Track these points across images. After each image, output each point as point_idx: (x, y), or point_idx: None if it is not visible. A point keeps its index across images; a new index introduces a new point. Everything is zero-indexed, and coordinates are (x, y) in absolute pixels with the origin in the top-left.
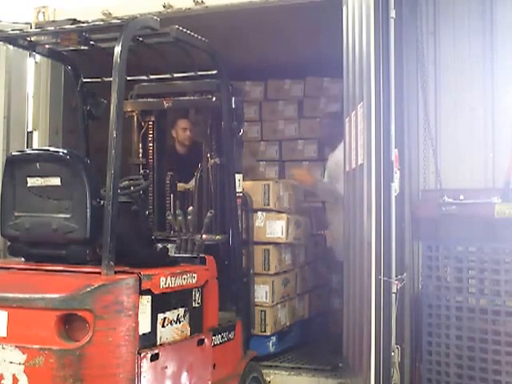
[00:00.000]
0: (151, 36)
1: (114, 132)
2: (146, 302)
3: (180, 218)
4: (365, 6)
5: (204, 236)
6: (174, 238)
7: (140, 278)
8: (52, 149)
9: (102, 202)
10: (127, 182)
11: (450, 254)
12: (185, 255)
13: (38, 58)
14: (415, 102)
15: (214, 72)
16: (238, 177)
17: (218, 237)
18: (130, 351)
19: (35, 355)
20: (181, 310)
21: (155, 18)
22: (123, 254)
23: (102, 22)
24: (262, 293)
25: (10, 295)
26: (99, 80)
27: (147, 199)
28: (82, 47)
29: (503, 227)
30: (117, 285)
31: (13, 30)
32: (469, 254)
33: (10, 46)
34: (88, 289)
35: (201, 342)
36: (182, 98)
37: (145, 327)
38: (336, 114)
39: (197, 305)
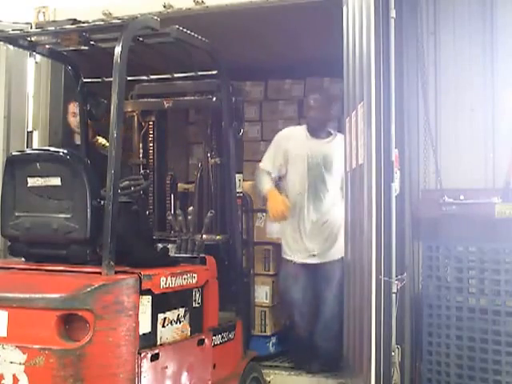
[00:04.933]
0: (151, 36)
1: (114, 132)
2: (146, 302)
3: (180, 218)
4: (365, 5)
5: (204, 236)
6: (175, 238)
7: (140, 278)
8: (52, 149)
9: (102, 202)
10: (127, 182)
11: (450, 254)
12: (185, 255)
13: (38, 57)
14: (415, 101)
15: (215, 72)
16: (238, 177)
17: (218, 237)
18: (130, 351)
19: (35, 355)
20: (181, 310)
21: (155, 18)
22: (123, 253)
23: (102, 22)
24: (262, 293)
25: (11, 295)
26: (99, 80)
27: (147, 199)
28: (83, 47)
29: (503, 227)
30: (117, 285)
31: (13, 30)
32: (469, 253)
33: (11, 46)
34: (88, 289)
35: (201, 342)
36: (182, 98)
37: (145, 327)
38: None
39: (197, 305)
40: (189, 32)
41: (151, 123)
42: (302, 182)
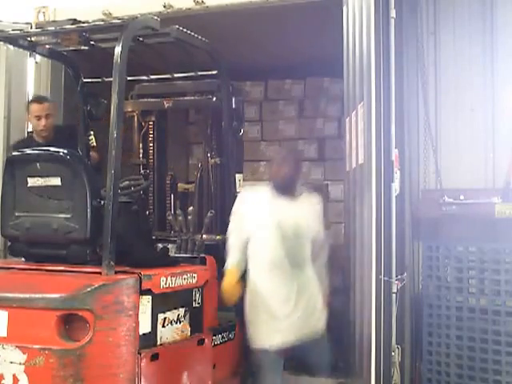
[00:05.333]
0: (151, 36)
1: (114, 132)
2: (146, 302)
3: (180, 218)
4: (365, 5)
5: (204, 236)
6: (175, 238)
7: (140, 278)
8: (52, 149)
9: (102, 201)
10: (127, 182)
11: (450, 254)
12: (185, 255)
13: (38, 58)
14: (415, 101)
15: (215, 72)
16: (238, 177)
17: (218, 237)
18: (130, 351)
19: (36, 355)
20: (181, 310)
21: (155, 18)
22: (123, 253)
23: (102, 22)
24: None
25: (11, 295)
26: (99, 80)
27: (147, 199)
28: (83, 47)
29: (503, 227)
30: (117, 285)
31: (13, 30)
32: (469, 253)
33: (11, 46)
34: (88, 289)
35: (201, 342)
36: (182, 98)
37: (145, 327)
38: None
39: (197, 305)
40: (189, 32)
41: (151, 123)
42: (273, 252)
